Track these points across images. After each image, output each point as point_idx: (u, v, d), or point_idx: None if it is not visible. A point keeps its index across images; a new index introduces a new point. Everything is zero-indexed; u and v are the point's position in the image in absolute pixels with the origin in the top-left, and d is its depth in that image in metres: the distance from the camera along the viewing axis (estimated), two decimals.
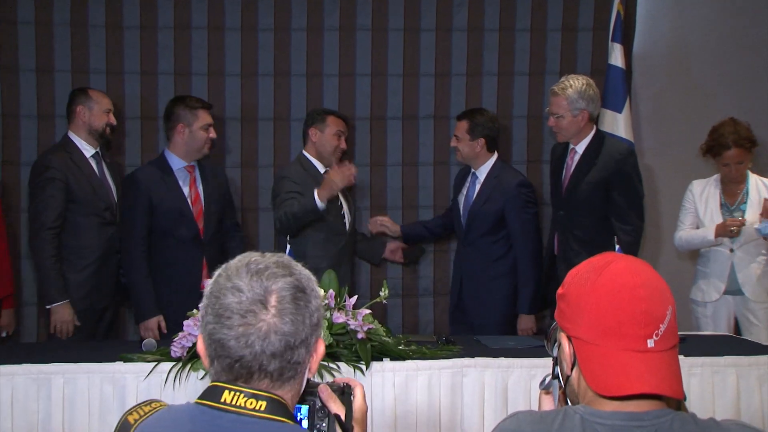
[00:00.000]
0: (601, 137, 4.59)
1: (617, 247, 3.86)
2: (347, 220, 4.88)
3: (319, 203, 4.53)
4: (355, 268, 5.29)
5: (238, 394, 1.59)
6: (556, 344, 1.71)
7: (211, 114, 4.64)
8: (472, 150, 4.82)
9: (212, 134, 4.59)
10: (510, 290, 4.77)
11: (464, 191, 4.93)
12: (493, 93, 5.59)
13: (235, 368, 1.59)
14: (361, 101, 5.54)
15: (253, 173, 5.46)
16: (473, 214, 4.82)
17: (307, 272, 1.67)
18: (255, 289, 1.59)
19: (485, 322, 4.73)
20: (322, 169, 4.82)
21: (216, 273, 1.66)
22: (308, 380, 1.70)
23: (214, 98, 5.26)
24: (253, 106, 5.43)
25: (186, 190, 4.56)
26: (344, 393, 1.77)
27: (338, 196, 4.81)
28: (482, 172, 4.86)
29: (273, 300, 1.59)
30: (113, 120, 4.63)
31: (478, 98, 5.55)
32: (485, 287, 4.78)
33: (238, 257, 1.67)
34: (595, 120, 4.60)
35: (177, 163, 4.56)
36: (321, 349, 1.68)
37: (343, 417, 1.73)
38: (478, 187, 4.84)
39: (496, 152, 4.89)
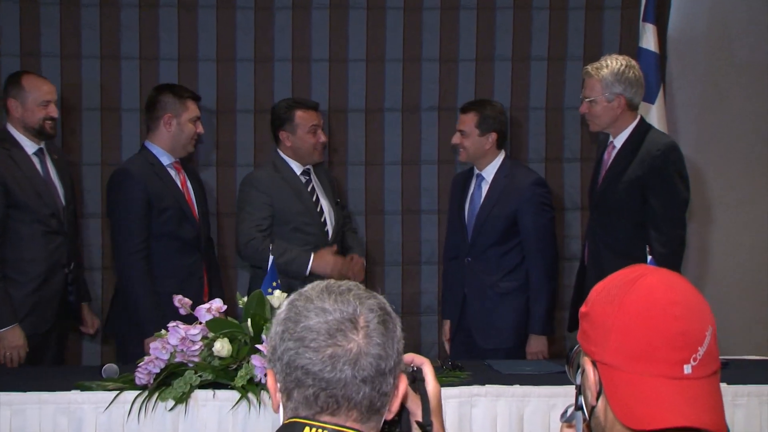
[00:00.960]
0: (644, 129, 4.49)
1: (649, 258, 3.79)
2: (330, 227, 4.88)
3: (308, 272, 4.60)
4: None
5: (321, 431, 1.60)
6: (579, 370, 1.71)
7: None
8: (481, 147, 4.80)
9: (200, 129, 4.62)
10: (524, 308, 4.76)
11: (468, 197, 4.90)
12: (507, 81, 5.60)
13: (320, 398, 1.60)
14: (355, 90, 5.55)
15: (230, 173, 5.46)
16: (481, 221, 4.78)
17: (386, 301, 1.71)
18: (342, 309, 1.62)
19: (496, 346, 4.72)
20: (299, 170, 4.85)
21: (287, 301, 1.68)
22: None
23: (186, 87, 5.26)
24: (230, 96, 5.43)
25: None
26: (416, 380, 1.79)
27: (318, 198, 4.83)
28: (489, 172, 4.84)
29: (362, 320, 1.62)
30: (54, 112, 4.47)
31: (489, 87, 5.56)
32: (495, 305, 4.76)
33: (309, 285, 1.69)
34: (637, 108, 4.53)
35: (164, 157, 4.56)
36: (402, 386, 1.69)
37: (419, 414, 1.75)
38: (485, 189, 4.82)
39: (503, 150, 4.89)
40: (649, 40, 5.33)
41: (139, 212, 4.40)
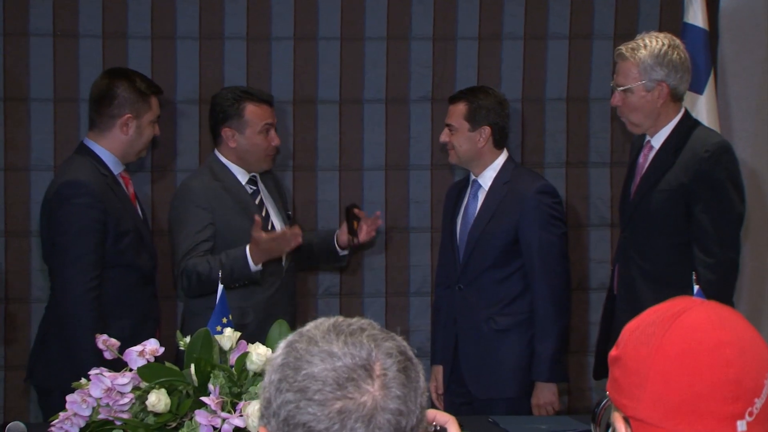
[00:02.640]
0: (689, 125, 4.49)
1: (696, 288, 3.75)
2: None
3: (254, 266, 4.56)
4: (318, 312, 5.32)
5: None
6: (609, 430, 1.73)
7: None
8: (473, 145, 4.81)
9: (157, 131, 4.65)
10: (529, 348, 4.77)
11: (462, 209, 4.93)
12: (518, 65, 5.64)
13: None
14: (327, 76, 5.57)
15: (170, 182, 5.46)
16: (475, 237, 4.79)
17: (406, 343, 1.71)
18: (354, 354, 1.62)
19: (493, 396, 4.74)
20: (244, 178, 4.84)
21: (285, 343, 1.69)
22: None
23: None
24: (170, 83, 5.44)
25: None
26: None
27: (267, 212, 4.84)
28: (486, 177, 4.86)
29: (378, 368, 1.62)
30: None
31: (495, 72, 5.60)
32: (491, 344, 4.78)
33: (311, 323, 1.70)
34: (682, 99, 4.54)
35: (113, 165, 4.52)
36: None
37: None
38: (481, 198, 4.84)
39: (505, 149, 4.92)
40: (696, 14, 5.35)
41: (96, 238, 4.37)
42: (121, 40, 5.43)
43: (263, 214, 4.81)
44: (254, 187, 4.88)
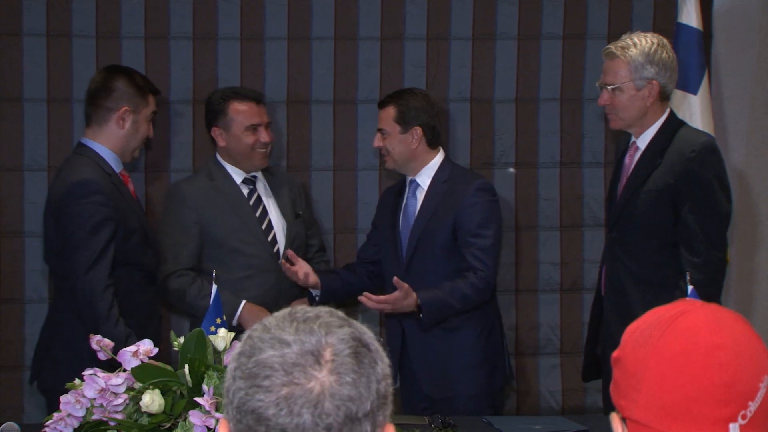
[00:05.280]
0: (674, 125, 4.50)
1: (690, 288, 3.74)
2: (281, 247, 4.90)
3: (234, 321, 4.65)
4: None
5: None
6: None
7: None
8: (406, 147, 4.79)
9: (151, 131, 4.64)
10: (481, 339, 4.78)
11: (402, 209, 4.91)
12: (511, 65, 5.65)
13: None
14: (320, 77, 5.58)
15: (164, 183, 5.46)
16: (416, 237, 4.79)
17: (368, 330, 1.71)
18: (305, 341, 1.62)
19: (450, 394, 4.73)
20: (239, 178, 4.89)
21: (247, 331, 1.69)
22: None
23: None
24: (163, 83, 5.43)
25: None
26: None
27: (265, 211, 4.90)
28: (424, 176, 4.85)
29: (328, 354, 1.62)
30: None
31: (488, 72, 5.60)
32: (434, 349, 4.76)
33: (276, 313, 1.70)
34: (669, 98, 4.55)
35: (114, 163, 4.51)
36: None
37: None
38: (420, 198, 4.84)
39: (441, 149, 4.90)
40: (690, 14, 5.35)
41: (108, 236, 4.35)
42: (115, 40, 5.43)
43: (257, 213, 4.86)
44: (251, 187, 4.91)
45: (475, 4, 5.62)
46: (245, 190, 4.90)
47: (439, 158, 4.86)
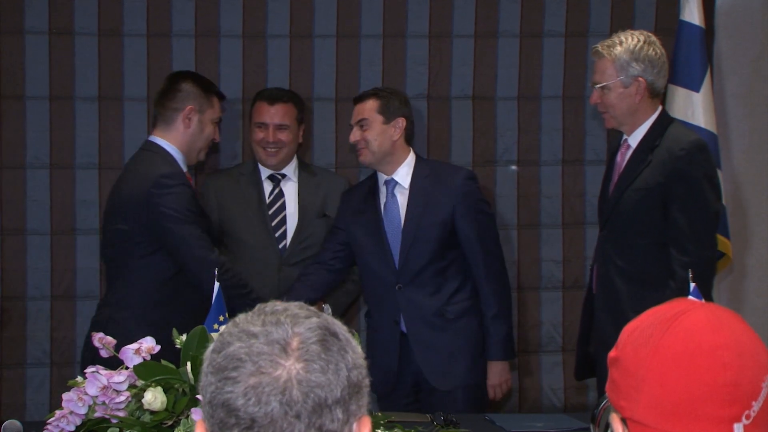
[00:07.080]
0: (665, 123, 4.50)
1: (692, 286, 3.72)
2: (287, 241, 4.92)
3: None
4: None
5: None
6: (609, 431, 1.72)
7: None
8: (388, 139, 4.74)
9: (217, 136, 4.68)
10: (480, 332, 4.76)
11: (382, 213, 4.82)
12: (514, 63, 5.65)
13: None
14: (323, 74, 5.58)
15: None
16: (410, 236, 4.73)
17: (338, 322, 1.71)
18: (271, 332, 1.63)
19: (457, 384, 4.71)
20: (266, 173, 5.00)
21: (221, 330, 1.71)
22: None
23: (112, 64, 5.28)
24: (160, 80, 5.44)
25: None
26: None
27: (283, 208, 4.95)
28: (402, 174, 4.80)
29: (295, 342, 1.63)
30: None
31: (491, 69, 5.60)
32: (439, 342, 4.74)
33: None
34: (660, 96, 4.56)
35: (181, 162, 4.54)
36: (366, 428, 1.68)
37: None
38: (403, 198, 4.78)
39: (411, 149, 4.86)
40: (692, 11, 5.34)
41: (200, 222, 4.47)
42: (117, 38, 5.43)
43: (273, 209, 4.97)
44: (275, 183, 5.03)
45: (477, 2, 5.62)
46: (268, 186, 5.00)
47: (412, 156, 4.83)
